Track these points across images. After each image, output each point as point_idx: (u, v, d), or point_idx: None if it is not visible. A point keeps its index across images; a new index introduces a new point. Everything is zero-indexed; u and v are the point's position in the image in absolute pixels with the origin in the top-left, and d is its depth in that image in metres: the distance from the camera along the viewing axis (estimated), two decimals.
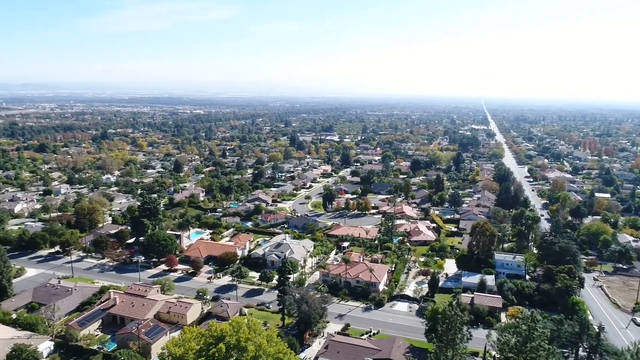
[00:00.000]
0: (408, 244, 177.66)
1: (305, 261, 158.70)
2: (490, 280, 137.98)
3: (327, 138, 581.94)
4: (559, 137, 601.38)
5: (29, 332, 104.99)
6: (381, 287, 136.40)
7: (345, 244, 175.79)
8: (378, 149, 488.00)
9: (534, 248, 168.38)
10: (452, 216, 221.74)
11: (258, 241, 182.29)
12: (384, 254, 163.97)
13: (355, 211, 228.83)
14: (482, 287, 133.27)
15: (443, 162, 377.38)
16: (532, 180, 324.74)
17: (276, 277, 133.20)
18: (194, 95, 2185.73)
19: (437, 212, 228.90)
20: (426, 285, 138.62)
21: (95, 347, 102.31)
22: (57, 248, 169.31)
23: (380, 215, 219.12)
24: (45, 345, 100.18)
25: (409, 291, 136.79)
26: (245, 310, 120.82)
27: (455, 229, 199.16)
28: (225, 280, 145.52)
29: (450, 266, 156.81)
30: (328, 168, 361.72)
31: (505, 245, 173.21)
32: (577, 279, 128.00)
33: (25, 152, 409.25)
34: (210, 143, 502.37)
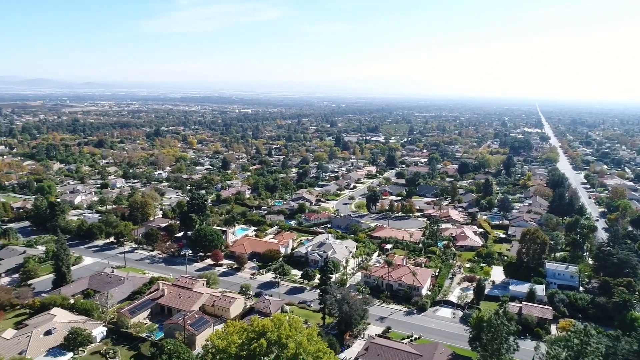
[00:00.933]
0: (453, 248, 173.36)
1: (347, 261, 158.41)
2: (540, 290, 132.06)
3: (372, 139, 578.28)
4: (621, 142, 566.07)
5: (85, 317, 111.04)
6: (424, 291, 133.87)
7: (388, 246, 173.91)
8: (424, 150, 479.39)
9: (589, 259, 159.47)
10: (500, 222, 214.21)
11: (301, 240, 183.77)
12: (427, 258, 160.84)
13: (400, 213, 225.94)
14: (531, 296, 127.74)
15: (492, 166, 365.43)
16: (588, 187, 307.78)
17: (318, 276, 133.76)
18: (243, 95, 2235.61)
19: (484, 217, 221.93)
20: (471, 291, 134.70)
21: (144, 335, 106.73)
22: (111, 239, 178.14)
23: (425, 219, 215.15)
24: (98, 330, 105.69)
25: (453, 297, 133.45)
26: (287, 308, 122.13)
27: (503, 235, 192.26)
28: (268, 277, 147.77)
29: (497, 273, 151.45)
30: (373, 169, 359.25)
31: (558, 255, 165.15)
32: (636, 293, 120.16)
33: (86, 147, 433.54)
34: (257, 142, 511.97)
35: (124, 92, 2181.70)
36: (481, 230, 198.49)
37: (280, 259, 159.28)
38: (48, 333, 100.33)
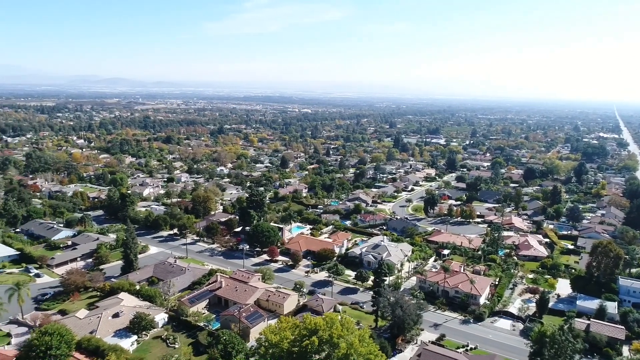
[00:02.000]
0: (515, 257, 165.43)
1: (402, 265, 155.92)
2: (611, 307, 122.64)
3: (432, 141, 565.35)
4: None
5: (149, 302, 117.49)
6: (482, 300, 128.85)
7: (446, 252, 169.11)
8: (487, 154, 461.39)
9: None
10: (569, 232, 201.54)
11: (356, 240, 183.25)
12: (487, 266, 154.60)
13: (459, 218, 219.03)
14: (601, 314, 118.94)
15: (562, 172, 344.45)
16: None
17: (372, 278, 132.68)
18: (303, 95, 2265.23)
19: (551, 226, 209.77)
20: (533, 304, 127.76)
21: (201, 324, 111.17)
22: (175, 230, 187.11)
23: (485, 225, 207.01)
24: (160, 317, 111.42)
25: (513, 308, 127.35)
26: (340, 307, 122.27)
27: (571, 247, 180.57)
28: (322, 275, 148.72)
29: (563, 286, 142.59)
30: (432, 172, 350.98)
31: (634, 270, 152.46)
32: None
33: (155, 142, 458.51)
34: (315, 141, 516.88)
35: (191, 91, 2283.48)
36: (547, 240, 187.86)
37: (335, 258, 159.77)
38: (116, 315, 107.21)
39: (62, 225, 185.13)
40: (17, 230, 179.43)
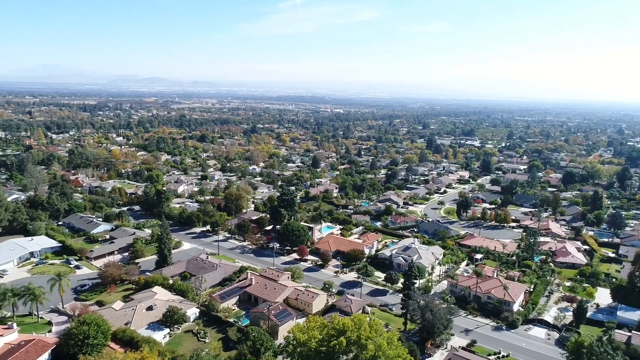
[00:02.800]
0: (552, 264, 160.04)
1: (433, 268, 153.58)
2: None
3: (467, 142, 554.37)
4: None
5: (181, 297, 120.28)
6: (515, 307, 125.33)
7: (478, 256, 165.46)
8: (524, 157, 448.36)
9: None
10: (610, 239, 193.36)
11: (386, 242, 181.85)
12: (521, 272, 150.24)
13: (493, 222, 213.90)
14: None
15: (603, 177, 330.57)
16: None
17: (401, 280, 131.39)
18: (336, 95, 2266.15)
19: (591, 233, 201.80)
20: (570, 313, 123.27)
21: (231, 320, 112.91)
22: (208, 227, 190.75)
23: (520, 230, 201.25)
24: (192, 311, 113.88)
25: (548, 317, 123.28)
26: (368, 309, 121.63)
27: (612, 255, 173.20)
28: (351, 276, 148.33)
29: (602, 296, 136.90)
30: (465, 174, 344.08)
31: None
32: None
33: (190, 141, 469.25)
34: (347, 141, 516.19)
35: (225, 91, 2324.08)
36: (586, 247, 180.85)
37: (364, 259, 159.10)
38: (150, 308, 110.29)
39: (101, 219, 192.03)
40: (60, 223, 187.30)
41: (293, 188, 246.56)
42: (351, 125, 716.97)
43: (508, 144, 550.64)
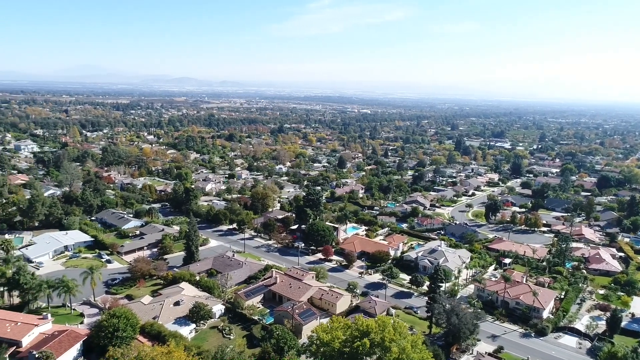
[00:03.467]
0: (584, 271, 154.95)
1: (459, 272, 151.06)
2: None
3: (496, 144, 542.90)
4: None
5: (207, 293, 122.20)
6: (545, 314, 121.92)
7: (507, 261, 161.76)
8: (557, 160, 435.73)
9: None
10: None
11: (412, 244, 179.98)
12: (552, 278, 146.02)
13: (523, 226, 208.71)
14: None
15: None
16: None
17: (427, 283, 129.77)
18: (363, 95, 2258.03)
19: (627, 239, 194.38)
20: (603, 322, 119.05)
21: (256, 318, 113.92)
22: (234, 225, 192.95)
23: (552, 235, 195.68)
24: (217, 308, 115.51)
25: (580, 325, 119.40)
26: (393, 311, 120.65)
27: None
28: (376, 277, 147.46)
29: (638, 305, 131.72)
30: (495, 177, 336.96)
31: None
32: None
33: (218, 140, 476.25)
34: (373, 142, 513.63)
35: (253, 91, 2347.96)
36: (621, 254, 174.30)
37: (389, 261, 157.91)
38: (177, 304, 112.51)
39: (131, 215, 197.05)
40: (93, 218, 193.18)
41: (319, 188, 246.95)
42: (378, 125, 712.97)
43: (540, 146, 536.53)
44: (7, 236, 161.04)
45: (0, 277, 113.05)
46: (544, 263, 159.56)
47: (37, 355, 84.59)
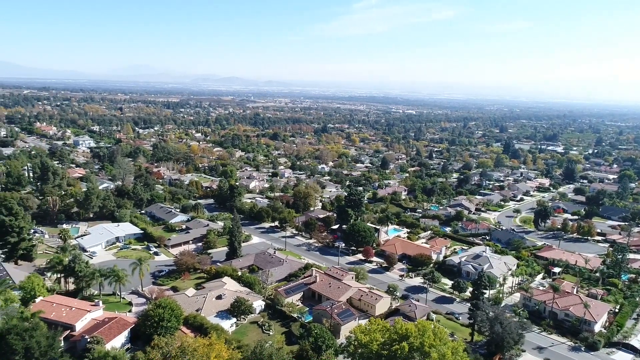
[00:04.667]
0: None
1: (504, 279, 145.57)
2: None
3: (548, 148, 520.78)
4: None
5: (248, 289, 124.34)
6: (597, 327, 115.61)
7: (556, 270, 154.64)
8: (614, 166, 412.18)
9: None
10: None
11: (455, 248, 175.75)
12: (606, 291, 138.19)
13: (574, 235, 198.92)
14: None
15: None
16: None
17: (470, 289, 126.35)
18: (408, 96, 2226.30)
19: None
20: None
21: (295, 315, 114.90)
22: (276, 223, 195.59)
23: (607, 245, 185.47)
24: (258, 303, 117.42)
25: (636, 341, 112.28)
26: (433, 316, 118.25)
27: None
28: (417, 281, 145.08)
29: None
30: (545, 182, 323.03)
31: None
32: None
33: (262, 138, 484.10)
34: (418, 143, 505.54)
35: (298, 91, 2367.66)
36: None
37: (431, 264, 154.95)
38: (219, 297, 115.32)
39: (178, 210, 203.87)
40: (142, 211, 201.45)
41: (361, 188, 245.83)
42: (423, 126, 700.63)
43: (596, 150, 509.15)
44: (65, 226, 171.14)
45: (58, 264, 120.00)
46: (597, 274, 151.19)
47: (89, 340, 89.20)
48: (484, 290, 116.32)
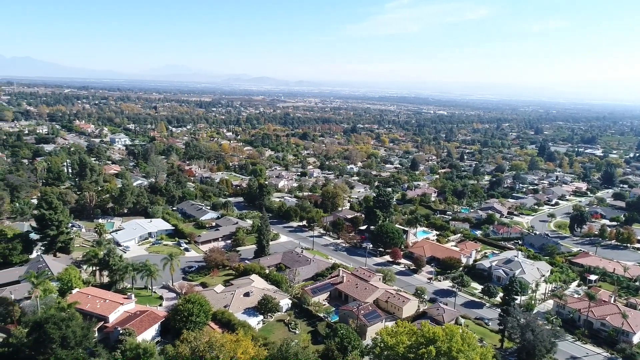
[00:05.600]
0: None
1: (537, 285, 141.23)
2: None
3: (586, 151, 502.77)
4: None
5: (275, 287, 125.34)
6: (636, 339, 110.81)
7: (592, 277, 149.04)
8: None
9: None
10: None
11: (485, 252, 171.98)
12: None
13: (613, 241, 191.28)
14: None
15: None
16: None
17: (500, 294, 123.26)
18: (440, 96, 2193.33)
19: None
20: None
21: (321, 315, 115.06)
22: (304, 222, 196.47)
23: None
24: (284, 302, 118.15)
25: None
26: (462, 320, 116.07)
27: None
28: (445, 284, 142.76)
29: None
30: (582, 186, 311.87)
31: None
32: None
33: (292, 138, 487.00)
34: (449, 144, 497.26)
35: (328, 90, 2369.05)
36: None
37: (460, 268, 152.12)
38: (247, 295, 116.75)
39: (208, 207, 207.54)
40: (174, 208, 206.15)
41: (390, 189, 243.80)
42: (455, 127, 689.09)
43: (638, 154, 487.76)
44: (100, 221, 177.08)
45: (94, 257, 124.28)
46: (637, 283, 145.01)
47: (121, 331, 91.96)
48: (516, 296, 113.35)
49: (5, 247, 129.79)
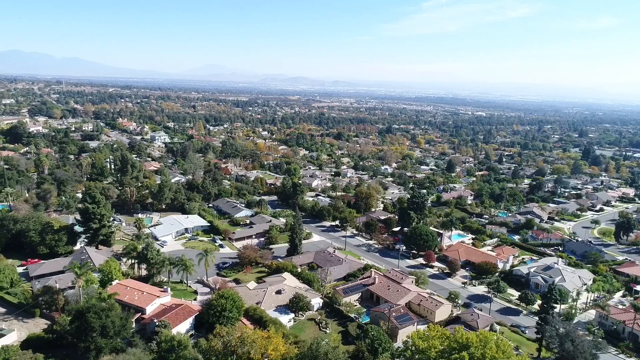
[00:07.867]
0: None
1: (578, 294, 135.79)
2: None
3: (634, 155, 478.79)
4: None
5: (307, 286, 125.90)
6: None
7: (639, 288, 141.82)
8: None
9: None
10: None
11: (523, 258, 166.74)
12: None
13: None
14: None
15: None
16: None
17: (538, 302, 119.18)
18: (479, 97, 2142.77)
19: None
20: None
21: (352, 315, 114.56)
22: (337, 222, 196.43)
23: None
24: (316, 301, 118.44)
25: None
26: (497, 327, 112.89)
27: None
28: (480, 289, 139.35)
29: None
30: (630, 191, 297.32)
31: None
32: None
33: (326, 138, 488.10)
34: (487, 146, 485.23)
35: (364, 90, 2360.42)
36: None
37: (496, 273, 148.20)
38: (278, 292, 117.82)
39: (243, 205, 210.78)
40: (210, 205, 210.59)
41: (424, 191, 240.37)
42: (493, 129, 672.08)
43: None
44: (140, 215, 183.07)
45: (133, 250, 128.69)
46: None
47: (157, 323, 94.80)
48: (555, 305, 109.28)
49: (52, 238, 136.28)
